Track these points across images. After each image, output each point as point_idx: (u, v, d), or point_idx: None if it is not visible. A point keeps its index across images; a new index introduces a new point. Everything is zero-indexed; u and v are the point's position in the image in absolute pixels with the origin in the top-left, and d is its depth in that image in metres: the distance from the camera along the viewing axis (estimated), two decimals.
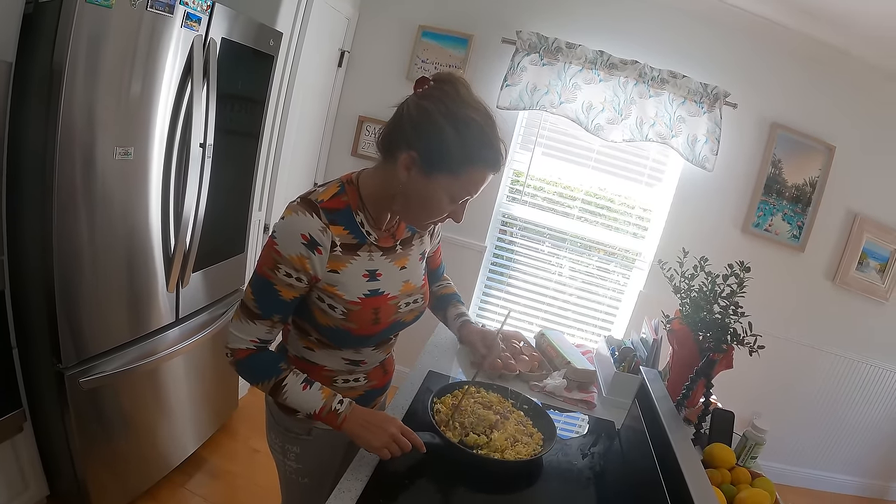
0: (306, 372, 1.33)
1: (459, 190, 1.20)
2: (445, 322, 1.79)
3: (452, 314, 1.75)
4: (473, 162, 1.17)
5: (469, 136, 1.15)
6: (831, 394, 3.78)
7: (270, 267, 1.18)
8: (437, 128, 1.14)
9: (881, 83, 3.27)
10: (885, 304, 3.62)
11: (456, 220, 1.29)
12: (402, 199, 1.23)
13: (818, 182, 3.41)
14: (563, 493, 1.43)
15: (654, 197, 3.61)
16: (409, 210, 1.25)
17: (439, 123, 1.14)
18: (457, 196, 1.22)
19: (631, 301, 3.75)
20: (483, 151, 1.18)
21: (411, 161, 1.17)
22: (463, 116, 1.15)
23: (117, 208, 1.90)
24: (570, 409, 1.90)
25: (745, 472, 1.59)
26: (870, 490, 4.08)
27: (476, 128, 1.16)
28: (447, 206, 1.23)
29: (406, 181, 1.19)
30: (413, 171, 1.18)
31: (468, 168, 1.17)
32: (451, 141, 1.14)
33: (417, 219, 1.28)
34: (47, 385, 1.92)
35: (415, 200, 1.22)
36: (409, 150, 1.16)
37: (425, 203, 1.22)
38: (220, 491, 2.67)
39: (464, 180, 1.19)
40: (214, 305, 2.61)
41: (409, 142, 1.16)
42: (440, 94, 1.16)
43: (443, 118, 1.14)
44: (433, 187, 1.19)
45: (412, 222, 1.32)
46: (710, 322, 1.81)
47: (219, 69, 2.12)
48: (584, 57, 3.20)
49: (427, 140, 1.15)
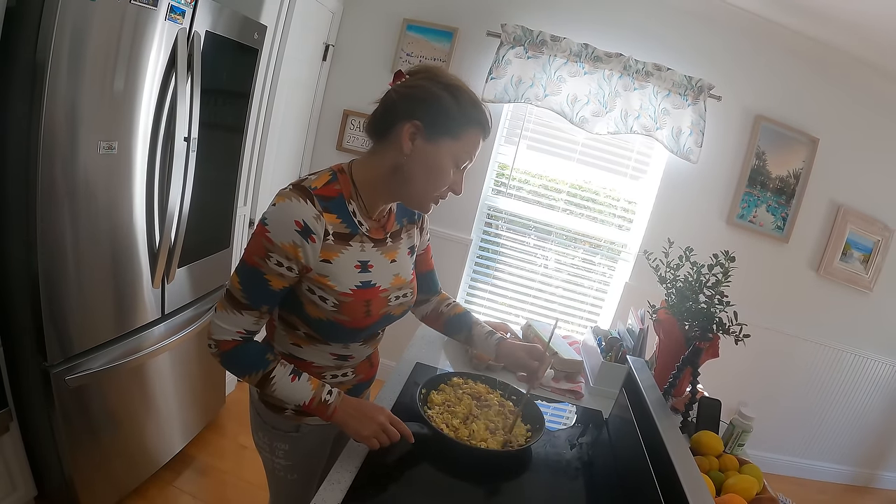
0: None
1: (461, 153, 1.25)
2: (471, 342, 1.68)
3: (481, 333, 1.66)
4: (471, 124, 1.23)
5: (463, 99, 1.21)
6: (817, 383, 3.83)
7: (261, 255, 1.16)
8: (434, 95, 1.20)
9: (864, 75, 3.30)
10: (869, 294, 3.66)
11: (456, 191, 1.31)
12: (407, 173, 1.24)
13: (802, 174, 3.44)
14: (552, 483, 1.44)
15: (639, 189, 3.63)
16: (415, 183, 1.25)
17: (435, 91, 1.20)
18: (460, 159, 1.25)
19: (617, 292, 3.77)
20: (477, 114, 1.24)
21: (415, 130, 1.20)
22: (453, 83, 1.22)
23: (102, 203, 1.88)
24: (558, 400, 1.91)
25: (732, 459, 1.60)
26: (856, 478, 4.14)
27: (466, 93, 1.23)
28: (451, 172, 1.26)
29: (410, 152, 1.21)
30: (418, 140, 1.21)
31: (467, 129, 1.23)
32: (450, 105, 1.20)
33: (424, 191, 1.27)
34: (33, 383, 1.90)
35: (420, 171, 1.23)
36: (410, 121, 1.19)
37: (431, 171, 1.24)
38: (209, 488, 2.66)
39: (464, 141, 1.24)
40: (200, 301, 2.60)
41: (409, 113, 1.20)
42: (424, 74, 1.24)
43: (437, 87, 1.20)
44: (438, 153, 1.22)
45: (417, 198, 1.30)
46: (695, 311, 1.83)
47: (203, 63, 2.11)
48: (569, 50, 3.21)
49: (427, 107, 1.20)
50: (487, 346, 1.64)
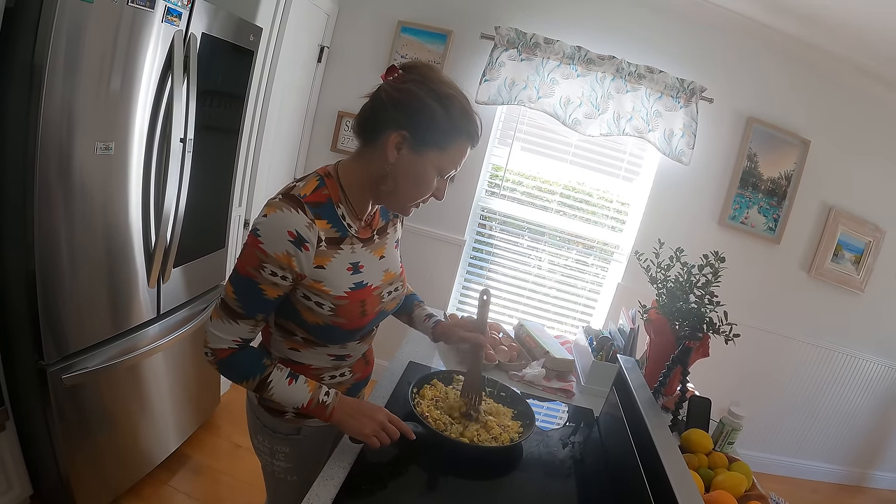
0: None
1: (447, 163, 1.25)
2: (412, 324, 1.71)
3: (420, 316, 1.68)
4: (460, 135, 1.23)
5: (453, 110, 1.20)
6: (808, 383, 3.85)
7: (255, 266, 1.15)
8: (425, 105, 1.18)
9: (855, 78, 3.33)
10: (861, 294, 3.69)
11: (438, 197, 1.32)
12: (391, 181, 1.24)
13: (793, 175, 3.46)
14: (544, 481, 1.45)
15: (632, 191, 3.65)
16: (398, 191, 1.26)
17: (426, 101, 1.18)
18: (444, 170, 1.26)
19: (609, 293, 3.79)
20: (466, 124, 1.23)
21: (402, 140, 1.19)
22: (445, 93, 1.20)
23: (98, 203, 1.89)
24: (549, 398, 1.93)
25: (721, 457, 1.62)
26: (847, 477, 4.17)
27: (457, 103, 1.21)
28: (434, 182, 1.26)
29: (395, 161, 1.21)
30: (403, 150, 1.20)
31: (454, 141, 1.23)
32: (440, 117, 1.19)
33: (406, 199, 1.28)
34: (29, 382, 1.91)
35: (404, 180, 1.24)
36: (397, 130, 1.18)
37: (415, 180, 1.24)
38: (204, 487, 2.66)
39: (450, 153, 1.24)
40: (195, 301, 2.61)
41: (397, 122, 1.19)
42: (417, 76, 1.21)
43: (427, 97, 1.18)
44: (423, 164, 1.22)
45: (399, 204, 1.31)
46: (685, 311, 1.85)
47: (199, 64, 2.12)
48: (562, 52, 3.23)
49: (416, 118, 1.18)
50: (425, 329, 1.66)
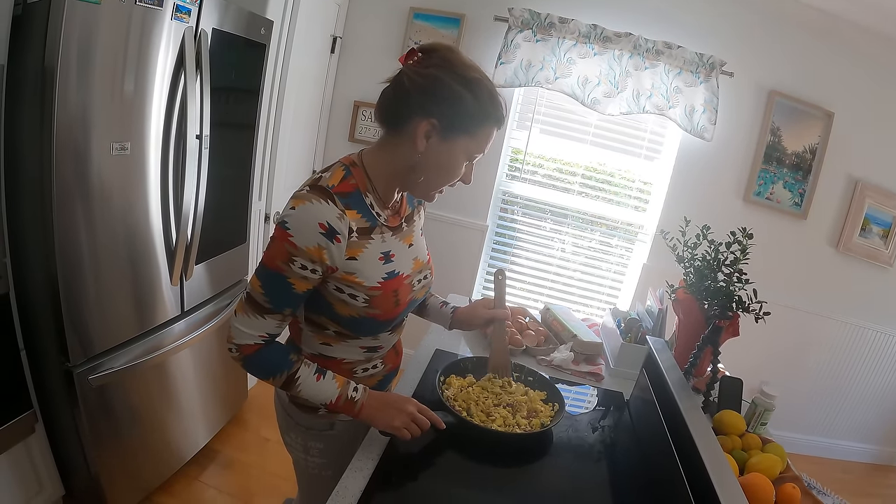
0: (325, 367, 1.30)
1: (475, 148, 1.23)
2: (426, 315, 1.68)
3: (435, 304, 1.67)
4: (488, 119, 1.21)
5: (481, 95, 1.18)
6: (838, 361, 3.78)
7: (284, 260, 1.12)
8: (452, 91, 1.15)
9: (877, 47, 3.23)
10: (890, 269, 3.61)
11: (466, 181, 1.30)
12: (421, 169, 1.23)
13: (818, 149, 3.39)
14: (575, 466, 1.44)
15: (654, 170, 3.60)
16: (429, 178, 1.25)
17: (453, 87, 1.15)
18: (473, 155, 1.24)
19: (635, 274, 3.76)
20: (493, 108, 1.20)
21: (431, 128, 1.17)
22: (471, 77, 1.17)
23: (117, 204, 1.90)
24: (578, 382, 1.91)
25: (755, 439, 1.59)
26: (880, 457, 4.09)
27: (484, 87, 1.18)
28: (462, 167, 1.25)
29: (425, 150, 1.19)
30: (433, 139, 1.18)
31: (483, 125, 1.21)
32: (469, 102, 1.16)
33: (435, 185, 1.27)
34: (57, 384, 1.92)
35: (434, 167, 1.22)
36: (426, 118, 1.16)
37: (445, 167, 1.23)
38: (234, 481, 2.68)
39: (479, 138, 1.22)
40: (219, 297, 2.62)
41: (424, 109, 1.16)
42: (439, 60, 1.18)
43: (454, 82, 1.15)
44: (453, 150, 1.21)
45: (427, 191, 1.29)
46: (714, 290, 1.81)
47: (211, 60, 2.11)
48: (578, 31, 3.18)
49: (445, 105, 1.16)
50: (443, 317, 1.65)
